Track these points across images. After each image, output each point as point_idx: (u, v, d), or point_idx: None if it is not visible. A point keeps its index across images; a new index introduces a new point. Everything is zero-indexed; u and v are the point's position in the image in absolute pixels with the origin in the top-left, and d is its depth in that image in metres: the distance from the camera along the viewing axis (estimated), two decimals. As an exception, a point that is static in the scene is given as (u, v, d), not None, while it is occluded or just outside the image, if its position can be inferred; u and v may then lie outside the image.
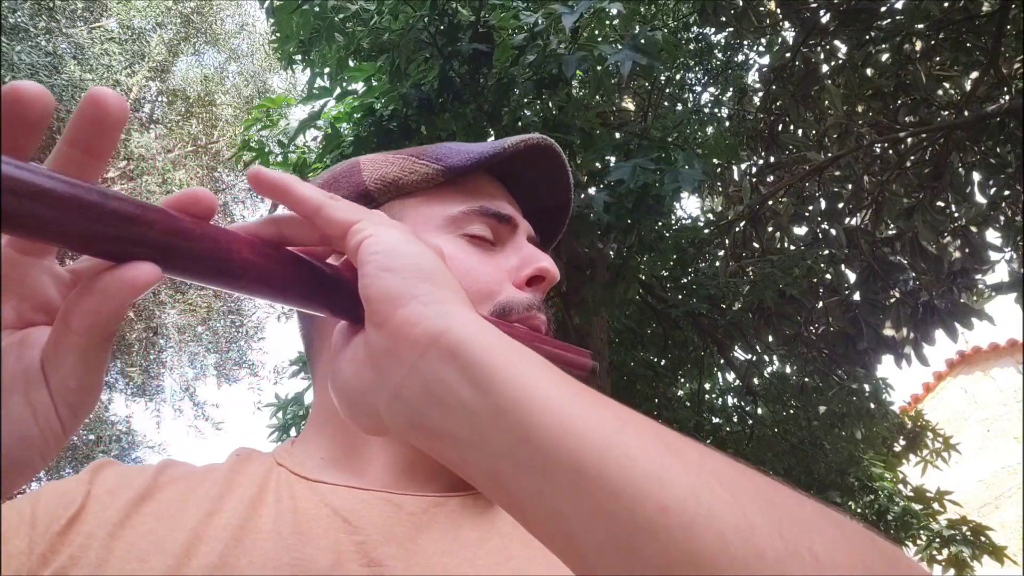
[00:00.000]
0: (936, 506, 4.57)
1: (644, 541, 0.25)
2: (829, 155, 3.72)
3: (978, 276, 3.61)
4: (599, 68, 2.58)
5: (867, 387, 4.10)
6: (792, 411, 4.39)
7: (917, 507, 4.49)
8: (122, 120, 0.29)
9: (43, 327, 0.33)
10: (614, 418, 0.29)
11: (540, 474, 0.28)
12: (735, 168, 4.41)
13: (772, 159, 4.11)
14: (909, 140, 3.58)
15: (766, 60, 4.39)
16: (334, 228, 0.36)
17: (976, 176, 3.60)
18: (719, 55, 4.74)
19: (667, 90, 4.64)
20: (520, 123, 2.87)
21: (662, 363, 4.37)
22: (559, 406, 0.28)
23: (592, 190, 2.92)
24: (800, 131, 4.05)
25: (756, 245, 4.12)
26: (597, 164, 3.02)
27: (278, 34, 2.91)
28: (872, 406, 4.14)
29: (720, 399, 4.76)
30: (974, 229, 3.56)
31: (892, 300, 3.63)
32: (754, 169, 4.30)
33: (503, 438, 0.29)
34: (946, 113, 3.67)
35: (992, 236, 3.63)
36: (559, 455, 0.27)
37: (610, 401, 0.30)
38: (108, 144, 0.30)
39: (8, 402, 0.30)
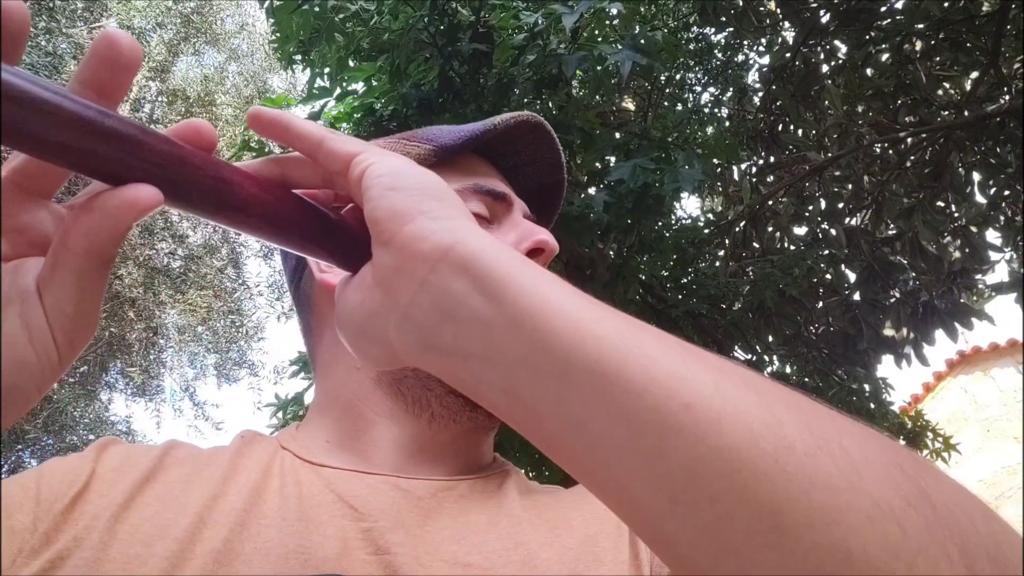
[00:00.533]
0: (936, 506, 4.56)
1: (670, 440, 0.25)
2: (829, 155, 3.72)
3: (978, 276, 3.61)
4: (599, 68, 2.58)
5: (867, 387, 4.10)
6: (792, 411, 4.38)
7: (917, 507, 4.49)
8: (135, 62, 0.29)
9: (38, 258, 0.31)
10: (631, 323, 0.28)
11: (559, 380, 0.27)
12: (735, 168, 4.41)
13: (772, 159, 4.10)
14: (909, 140, 3.58)
15: (766, 60, 4.38)
16: (336, 161, 0.35)
17: (976, 176, 3.60)
18: (719, 55, 4.73)
19: (667, 90, 4.64)
20: (520, 123, 2.87)
21: (662, 363, 4.36)
22: (575, 312, 0.28)
23: (592, 190, 2.92)
24: (800, 131, 4.05)
25: (756, 245, 4.12)
26: (597, 164, 3.02)
27: (278, 34, 2.90)
28: (872, 406, 4.14)
29: (720, 399, 4.75)
30: (974, 229, 3.56)
31: (892, 300, 3.63)
32: (754, 169, 4.29)
33: (519, 348, 0.28)
34: (946, 113, 3.67)
35: (992, 236, 3.63)
36: (577, 359, 0.26)
37: (625, 314, 0.30)
38: (120, 86, 0.29)
39: (4, 320, 0.29)
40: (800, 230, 4.18)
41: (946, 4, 3.20)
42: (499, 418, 0.31)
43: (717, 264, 4.21)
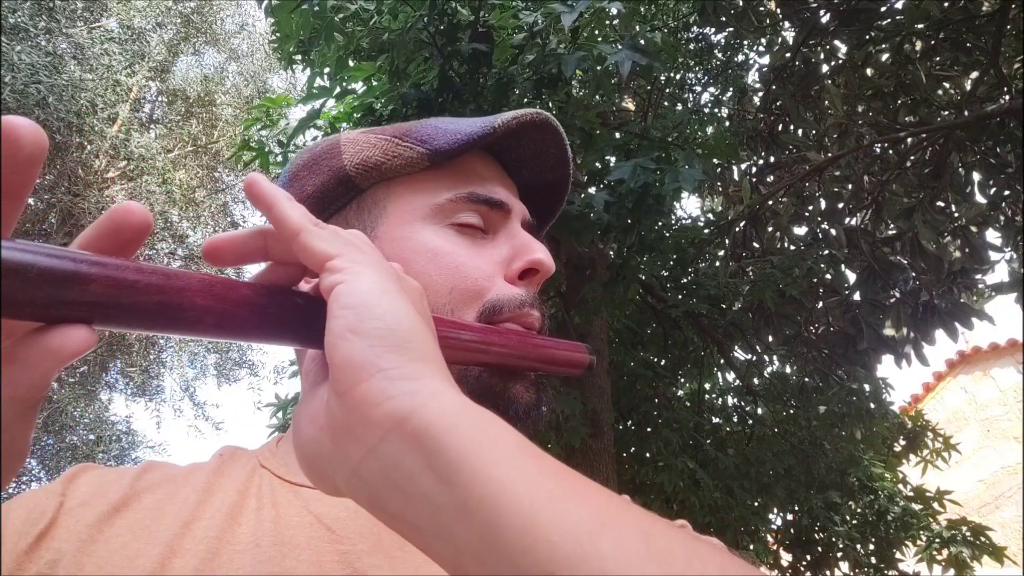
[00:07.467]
0: (936, 506, 4.56)
1: None
2: (829, 155, 3.72)
3: (978, 276, 3.61)
4: (599, 68, 2.58)
5: (867, 387, 4.10)
6: (792, 411, 4.39)
7: (917, 507, 4.49)
8: (40, 152, 0.26)
9: None
10: (591, 519, 0.26)
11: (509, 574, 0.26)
12: (735, 168, 4.41)
13: (772, 159, 4.11)
14: (909, 140, 3.58)
15: (766, 60, 4.39)
16: (310, 260, 0.34)
17: (976, 176, 3.60)
18: (719, 55, 4.74)
19: (667, 90, 4.64)
20: (520, 123, 2.86)
21: (662, 363, 4.36)
22: (530, 507, 0.26)
23: (592, 190, 2.92)
24: (800, 131, 4.05)
25: (756, 245, 4.12)
26: (597, 164, 3.02)
27: (278, 34, 2.91)
28: (872, 406, 4.14)
29: (720, 399, 4.75)
30: (974, 229, 3.56)
31: (892, 300, 3.63)
32: (754, 169, 4.30)
33: (468, 536, 0.26)
34: (946, 113, 3.67)
35: (992, 236, 3.63)
36: (527, 563, 0.25)
37: (590, 490, 0.27)
38: (27, 179, 0.27)
39: None
40: (800, 230, 4.19)
41: (946, 4, 3.20)
42: None
43: (717, 264, 4.21)
